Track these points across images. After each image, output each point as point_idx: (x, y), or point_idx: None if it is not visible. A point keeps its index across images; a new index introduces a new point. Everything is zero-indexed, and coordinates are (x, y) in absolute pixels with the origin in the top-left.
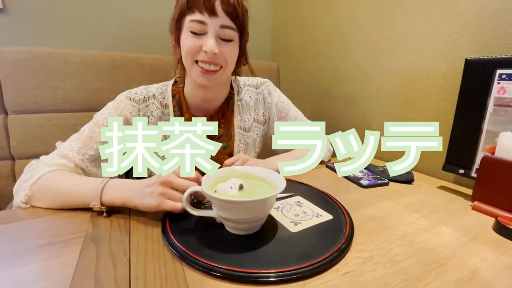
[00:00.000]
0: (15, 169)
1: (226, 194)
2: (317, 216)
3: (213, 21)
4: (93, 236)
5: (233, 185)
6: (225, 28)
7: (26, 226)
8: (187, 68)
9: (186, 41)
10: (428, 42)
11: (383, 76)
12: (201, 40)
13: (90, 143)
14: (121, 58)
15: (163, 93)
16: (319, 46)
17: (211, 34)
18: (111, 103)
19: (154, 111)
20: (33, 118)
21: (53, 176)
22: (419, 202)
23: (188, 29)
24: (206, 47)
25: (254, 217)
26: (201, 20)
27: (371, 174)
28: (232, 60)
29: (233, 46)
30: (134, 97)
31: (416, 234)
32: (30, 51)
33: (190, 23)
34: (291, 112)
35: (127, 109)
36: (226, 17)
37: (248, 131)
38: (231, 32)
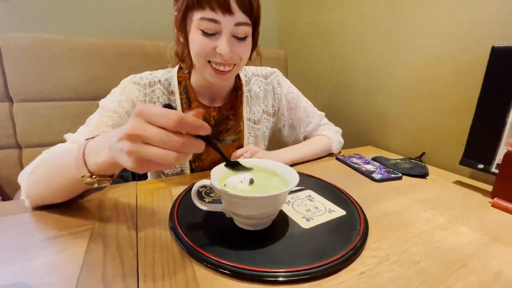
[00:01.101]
0: (22, 157)
1: (236, 188)
2: (329, 212)
3: (228, 20)
4: (100, 229)
5: (243, 179)
6: (240, 26)
7: (34, 217)
8: (198, 67)
9: (197, 42)
10: (450, 28)
11: (399, 66)
12: (214, 41)
13: (101, 126)
14: (125, 45)
15: (169, 80)
16: (329, 33)
17: (225, 34)
18: (115, 88)
19: (160, 97)
20: (38, 107)
21: (46, 158)
22: (434, 198)
23: (197, 26)
24: (222, 50)
25: (265, 213)
26: (214, 19)
27: (383, 168)
28: (246, 57)
29: (247, 43)
30: (139, 81)
31: (433, 233)
32: (34, 38)
33: (201, 21)
34: (301, 103)
35: (133, 93)
36: (241, 14)
37: (258, 123)
38: (246, 29)
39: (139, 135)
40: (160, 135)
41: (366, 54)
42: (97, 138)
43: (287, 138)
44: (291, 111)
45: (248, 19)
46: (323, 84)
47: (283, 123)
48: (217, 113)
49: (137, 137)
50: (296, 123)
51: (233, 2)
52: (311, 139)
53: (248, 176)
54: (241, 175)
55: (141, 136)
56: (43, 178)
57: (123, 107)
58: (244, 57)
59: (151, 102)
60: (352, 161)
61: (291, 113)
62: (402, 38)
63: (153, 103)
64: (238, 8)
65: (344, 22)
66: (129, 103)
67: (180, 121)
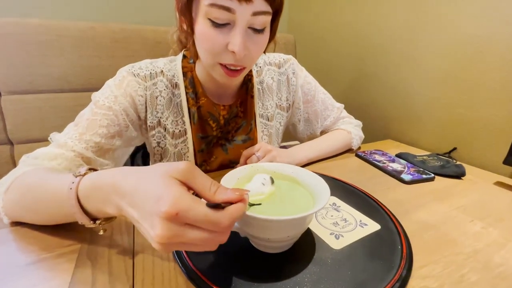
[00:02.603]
0: (14, 154)
1: (262, 193)
2: (361, 226)
3: (244, 8)
4: (90, 250)
5: (264, 180)
6: (259, 15)
7: (13, 233)
8: (206, 65)
9: (205, 35)
10: (492, 4)
11: (427, 50)
12: (225, 35)
13: (93, 127)
14: (121, 30)
15: (172, 70)
16: (343, 14)
17: (240, 27)
18: (111, 80)
19: (163, 91)
20: (28, 99)
21: (26, 177)
22: (477, 204)
23: (205, 15)
24: (235, 47)
25: (290, 236)
26: (228, 6)
27: (411, 166)
28: (261, 53)
29: (265, 36)
30: (139, 72)
31: (489, 252)
32: (18, 23)
33: (210, 8)
34: (318, 94)
35: (131, 86)
36: (261, 1)
37: (271, 120)
38: (265, 19)
39: (176, 242)
40: (205, 239)
41: (387, 35)
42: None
43: (302, 133)
44: (308, 104)
45: (269, 6)
46: (336, 71)
47: (298, 117)
48: (227, 112)
49: (174, 243)
50: (312, 117)
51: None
52: (329, 133)
53: (266, 176)
54: (259, 177)
55: (178, 243)
56: (25, 204)
57: (120, 103)
58: (259, 54)
59: (152, 96)
60: (375, 159)
61: (308, 106)
62: (434, 17)
63: (155, 97)
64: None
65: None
66: (127, 98)
67: (232, 219)
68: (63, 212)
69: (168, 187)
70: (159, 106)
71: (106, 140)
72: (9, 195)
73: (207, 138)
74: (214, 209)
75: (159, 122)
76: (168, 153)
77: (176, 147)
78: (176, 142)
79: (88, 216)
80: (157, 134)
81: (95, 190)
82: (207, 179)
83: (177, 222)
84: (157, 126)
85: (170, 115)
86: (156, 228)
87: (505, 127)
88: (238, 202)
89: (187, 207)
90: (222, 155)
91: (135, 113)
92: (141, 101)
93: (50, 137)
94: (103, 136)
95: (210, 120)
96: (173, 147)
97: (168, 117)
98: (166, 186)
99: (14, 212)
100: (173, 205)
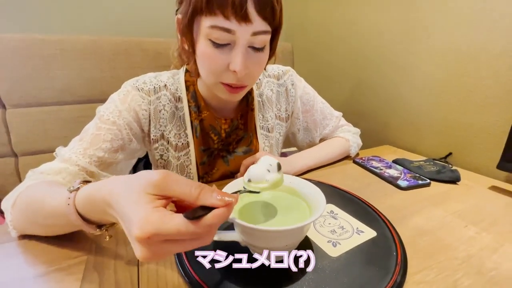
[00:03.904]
0: (19, 165)
1: (265, 181)
2: (358, 233)
3: (244, 29)
4: (96, 262)
5: (269, 166)
6: (259, 35)
7: (21, 247)
8: (208, 83)
9: (207, 55)
10: (481, 14)
11: (421, 57)
12: (226, 55)
13: (97, 142)
14: (122, 43)
15: (175, 84)
16: (340, 22)
17: (240, 47)
18: (115, 94)
19: (167, 105)
20: (33, 112)
21: (29, 192)
22: (472, 209)
23: (206, 36)
24: (236, 67)
25: (288, 245)
26: (228, 28)
27: (408, 172)
28: (261, 71)
29: (265, 54)
30: (143, 87)
31: (482, 257)
32: (24, 38)
33: (211, 29)
34: (317, 104)
35: (135, 101)
36: (261, 22)
37: (272, 131)
38: (264, 37)
39: (160, 255)
40: (187, 246)
41: (384, 43)
42: (88, 198)
43: (302, 141)
44: (307, 114)
45: (268, 26)
46: (334, 78)
47: (297, 127)
48: (228, 126)
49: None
50: (311, 126)
51: (252, 7)
52: (328, 141)
53: (273, 162)
54: (266, 161)
55: (162, 255)
56: (31, 218)
57: (124, 117)
58: (259, 74)
59: (156, 110)
60: (372, 165)
61: (307, 116)
62: (427, 25)
63: (158, 111)
64: (257, 14)
65: (358, 9)
66: (131, 112)
67: (212, 227)
68: (69, 224)
69: (137, 208)
70: (162, 120)
71: (109, 154)
72: (15, 210)
73: (209, 151)
74: (190, 220)
75: (162, 135)
76: (171, 165)
77: (179, 160)
78: (179, 155)
79: (93, 224)
80: (160, 147)
81: (91, 205)
82: (185, 184)
83: (152, 243)
84: (160, 139)
85: (173, 128)
86: (137, 250)
87: (498, 132)
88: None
89: (156, 229)
90: (223, 167)
91: (138, 127)
92: (144, 115)
93: (55, 152)
94: (106, 150)
95: (212, 133)
96: (176, 159)
97: (171, 130)
98: (136, 206)
99: (22, 225)
100: (142, 230)
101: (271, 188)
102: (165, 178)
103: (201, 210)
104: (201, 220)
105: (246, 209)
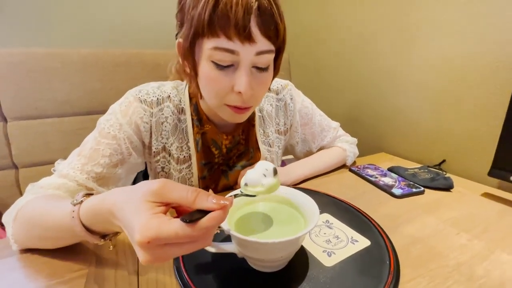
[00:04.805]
0: (19, 178)
1: (261, 185)
2: (352, 242)
3: (248, 49)
4: (97, 274)
5: (265, 171)
6: (263, 54)
7: (21, 261)
8: (211, 105)
9: (210, 77)
10: (470, 25)
11: (413, 67)
12: (230, 77)
13: (96, 157)
14: (122, 55)
15: (179, 95)
16: (336, 33)
17: (244, 67)
18: (117, 105)
19: (169, 117)
20: (34, 124)
21: (30, 206)
22: (465, 217)
23: (209, 57)
24: (241, 88)
25: (283, 256)
26: (231, 49)
27: (402, 180)
28: (266, 91)
29: (269, 74)
30: (146, 98)
31: (473, 264)
32: (25, 53)
33: (214, 51)
34: (315, 117)
35: (137, 113)
36: (265, 41)
37: (272, 146)
38: (268, 57)
39: (161, 258)
40: (187, 249)
41: (378, 52)
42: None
43: (300, 152)
44: (305, 127)
45: (272, 45)
46: (330, 87)
47: (296, 140)
48: (229, 142)
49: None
50: (309, 138)
51: (255, 27)
52: (325, 150)
53: (269, 166)
54: (263, 166)
55: (164, 258)
56: (33, 233)
57: (124, 131)
58: (264, 94)
59: (158, 122)
60: (367, 173)
61: (305, 128)
62: (418, 36)
63: (161, 123)
64: (261, 34)
65: (353, 20)
66: (132, 125)
67: (208, 229)
68: (73, 236)
69: (138, 215)
70: (164, 132)
71: (108, 169)
72: (17, 224)
73: (209, 164)
74: (187, 223)
75: (164, 147)
76: (173, 178)
77: (180, 172)
78: (181, 168)
79: (97, 234)
80: (162, 159)
81: (96, 216)
82: (182, 190)
83: (153, 247)
84: (162, 151)
85: (175, 141)
86: (139, 254)
87: (489, 139)
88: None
89: (155, 234)
90: (223, 181)
91: (139, 139)
92: (146, 128)
93: (54, 166)
94: (105, 166)
95: (213, 147)
96: (178, 172)
97: (173, 143)
98: (137, 213)
99: (24, 239)
100: (142, 235)
101: (267, 192)
102: (164, 186)
103: (198, 213)
104: (197, 223)
105: (243, 221)
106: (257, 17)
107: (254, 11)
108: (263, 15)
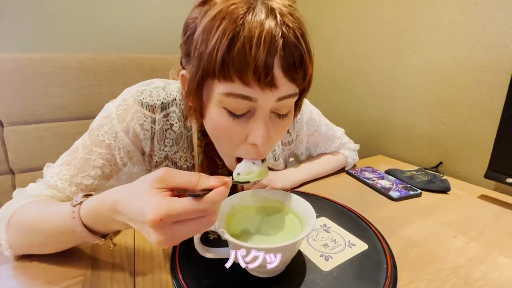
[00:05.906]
0: (16, 183)
1: (252, 173)
2: (349, 246)
3: (268, 96)
4: (93, 281)
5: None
6: (285, 99)
7: (15, 270)
8: (219, 152)
9: (221, 125)
10: (464, 30)
11: (408, 70)
12: (244, 126)
13: (86, 168)
14: (119, 59)
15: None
16: (332, 35)
17: (262, 115)
18: (114, 106)
19: (175, 124)
20: (30, 129)
21: (24, 211)
22: (462, 219)
23: (220, 103)
24: (257, 140)
25: (280, 261)
26: (248, 96)
27: (400, 183)
28: (283, 136)
29: (289, 119)
30: (148, 101)
31: (470, 267)
32: (21, 58)
33: (226, 97)
34: (321, 127)
35: (136, 119)
36: (289, 85)
37: (278, 159)
38: (291, 101)
39: (174, 239)
40: (196, 226)
41: (376, 56)
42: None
43: (303, 159)
44: (311, 137)
45: (297, 88)
46: (327, 89)
47: (301, 150)
48: None
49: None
50: (312, 146)
51: (279, 70)
52: (326, 156)
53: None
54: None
55: (176, 238)
56: (31, 239)
57: (120, 140)
58: (281, 139)
59: (161, 130)
60: (365, 176)
61: (310, 138)
62: (413, 40)
63: (164, 130)
64: (285, 78)
65: (349, 24)
66: (129, 134)
67: (215, 203)
68: (73, 238)
69: (148, 199)
70: (168, 140)
71: (99, 181)
72: (11, 229)
73: (214, 174)
74: (195, 198)
75: (166, 156)
76: None
77: None
78: None
79: (97, 234)
80: None
81: (98, 216)
82: (185, 174)
83: (165, 225)
84: (165, 160)
85: (179, 150)
86: (152, 235)
87: (484, 141)
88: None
89: (167, 210)
90: None
91: (137, 149)
92: (146, 135)
93: (44, 169)
94: (96, 177)
95: (217, 159)
96: None
97: (176, 152)
98: (147, 198)
99: (20, 244)
100: (155, 214)
101: (258, 177)
102: (167, 172)
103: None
104: (204, 197)
105: (239, 225)
106: (281, 59)
107: (279, 51)
108: (289, 56)
